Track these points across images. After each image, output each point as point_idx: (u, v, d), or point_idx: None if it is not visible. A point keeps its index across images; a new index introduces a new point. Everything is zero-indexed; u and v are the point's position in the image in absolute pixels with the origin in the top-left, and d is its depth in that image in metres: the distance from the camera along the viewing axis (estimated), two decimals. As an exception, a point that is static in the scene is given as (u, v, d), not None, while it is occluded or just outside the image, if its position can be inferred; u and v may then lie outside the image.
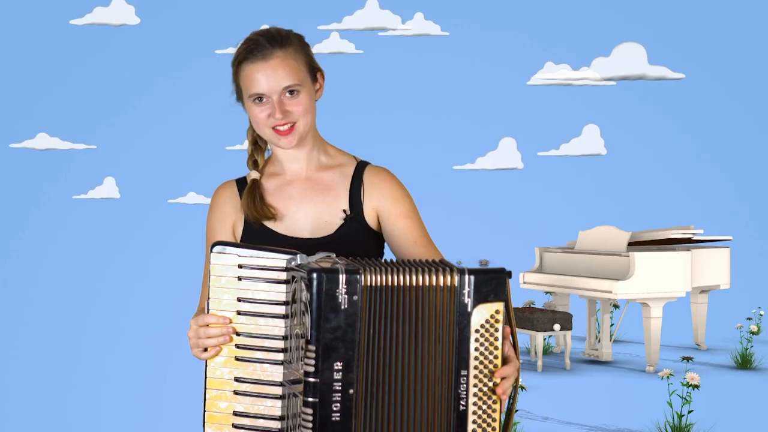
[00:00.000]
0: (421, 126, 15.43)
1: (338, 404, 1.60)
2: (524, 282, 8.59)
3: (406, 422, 1.65)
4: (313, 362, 1.59)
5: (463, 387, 1.65)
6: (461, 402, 1.66)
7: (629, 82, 14.73)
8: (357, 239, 1.99)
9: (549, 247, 8.62)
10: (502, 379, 1.68)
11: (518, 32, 16.12)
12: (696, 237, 8.25)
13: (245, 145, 2.11)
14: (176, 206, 16.28)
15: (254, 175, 2.05)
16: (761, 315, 9.56)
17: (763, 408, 6.38)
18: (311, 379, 1.59)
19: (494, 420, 1.69)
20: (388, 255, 2.02)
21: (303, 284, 1.61)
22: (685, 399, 5.08)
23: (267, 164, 2.09)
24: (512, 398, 1.76)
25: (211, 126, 16.52)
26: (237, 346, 1.74)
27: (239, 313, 1.74)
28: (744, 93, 15.54)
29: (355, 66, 15.59)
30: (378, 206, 2.02)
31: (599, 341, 8.19)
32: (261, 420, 1.73)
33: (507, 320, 1.72)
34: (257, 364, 1.73)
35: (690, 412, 5.10)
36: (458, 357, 1.65)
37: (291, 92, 1.94)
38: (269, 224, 2.00)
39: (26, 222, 16.17)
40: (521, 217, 14.84)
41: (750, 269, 11.92)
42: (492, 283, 1.65)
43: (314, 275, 1.59)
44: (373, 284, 1.61)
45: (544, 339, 8.49)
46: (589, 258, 8.00)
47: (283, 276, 1.72)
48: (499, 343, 1.68)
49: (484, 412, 1.68)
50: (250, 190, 2.02)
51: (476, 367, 1.66)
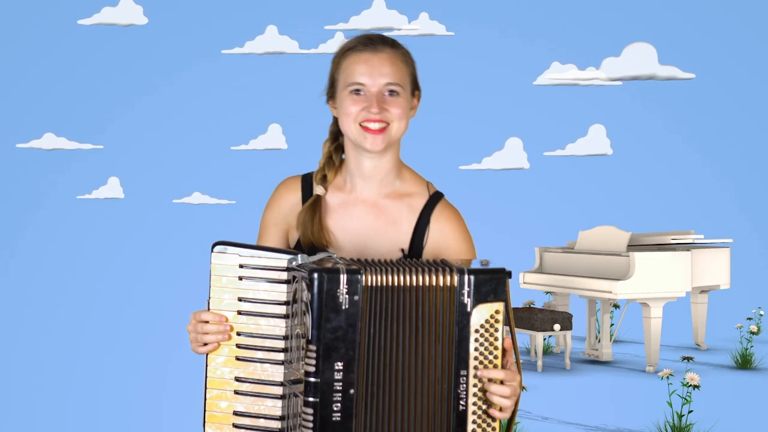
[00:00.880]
0: (427, 126, 15.44)
1: (339, 404, 1.60)
2: (524, 282, 8.59)
3: (406, 422, 1.65)
4: (314, 362, 1.59)
5: (463, 387, 1.65)
6: (461, 402, 1.66)
7: (635, 82, 14.72)
8: None
9: (549, 247, 8.62)
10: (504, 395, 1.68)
11: (524, 32, 16.12)
12: (696, 242, 8.26)
13: (323, 153, 1.99)
14: (181, 206, 16.29)
15: (319, 191, 1.95)
16: (761, 315, 9.56)
17: (763, 408, 6.38)
18: (312, 379, 1.59)
19: (494, 420, 1.68)
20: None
21: (304, 284, 1.61)
22: (685, 399, 5.08)
23: (336, 172, 1.98)
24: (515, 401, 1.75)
25: (217, 126, 16.53)
26: (238, 346, 1.74)
27: (240, 313, 1.74)
28: (752, 94, 15.54)
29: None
30: (438, 254, 1.92)
31: (599, 341, 8.19)
32: (261, 420, 1.73)
33: (507, 321, 1.71)
34: (258, 364, 1.73)
35: (690, 412, 5.10)
36: (458, 357, 1.65)
37: (392, 92, 1.87)
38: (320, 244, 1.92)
39: (30, 222, 16.17)
40: (521, 217, 14.85)
41: (750, 269, 11.91)
42: (492, 283, 1.65)
43: (315, 275, 1.59)
44: (374, 284, 1.62)
45: (544, 339, 8.49)
46: (589, 258, 8.00)
47: (284, 276, 1.72)
48: (499, 343, 1.68)
49: (484, 412, 1.68)
50: (311, 208, 1.93)
51: (476, 367, 1.66)
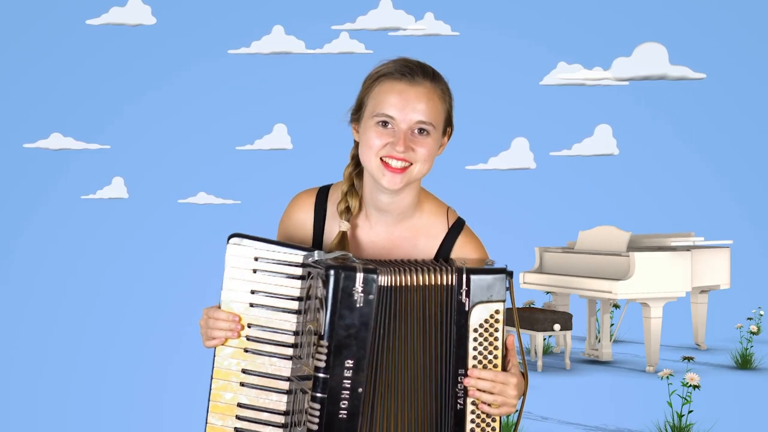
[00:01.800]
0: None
1: (346, 402, 1.59)
2: (524, 282, 8.60)
3: (409, 421, 1.65)
4: (325, 358, 1.59)
5: (461, 386, 1.66)
6: (459, 401, 1.66)
7: (641, 82, 14.74)
8: None
9: (549, 247, 8.63)
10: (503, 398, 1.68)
11: (531, 32, 16.14)
12: (696, 244, 8.26)
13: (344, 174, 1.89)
14: (186, 206, 16.29)
15: (344, 227, 1.81)
16: (761, 315, 9.56)
17: (763, 408, 6.38)
18: (321, 375, 1.59)
19: (494, 420, 1.68)
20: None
21: (320, 280, 1.61)
22: (685, 399, 5.08)
23: (360, 201, 1.86)
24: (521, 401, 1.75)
25: (222, 126, 16.54)
26: (247, 338, 1.74)
27: (251, 306, 1.73)
28: (761, 95, 15.55)
29: (365, 66, 15.53)
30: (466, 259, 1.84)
31: (599, 341, 8.19)
32: (265, 414, 1.73)
33: (511, 322, 1.71)
34: (266, 358, 1.73)
35: (690, 412, 5.10)
36: (456, 356, 1.65)
37: (422, 130, 1.73)
38: None
39: (33, 222, 16.18)
40: (521, 217, 14.86)
41: (750, 269, 11.92)
42: (491, 283, 1.65)
43: (332, 272, 1.59)
44: (384, 284, 1.62)
45: (544, 339, 8.48)
46: (589, 258, 8.00)
47: (299, 271, 1.72)
48: (499, 343, 1.67)
49: (484, 412, 1.67)
50: (339, 245, 1.80)
51: (475, 367, 1.66)
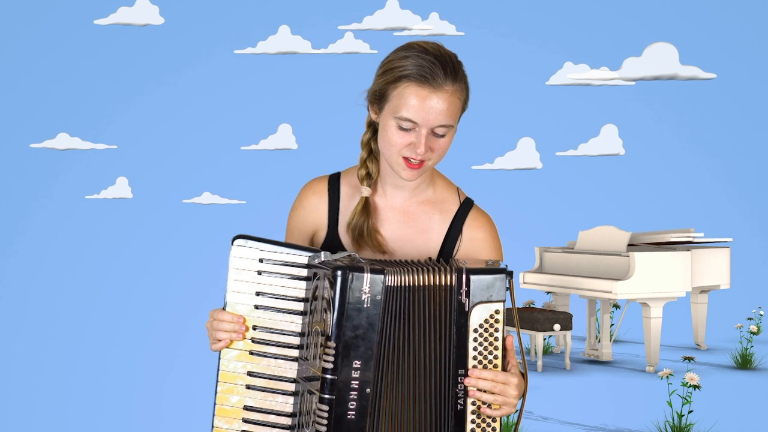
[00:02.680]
0: (440, 126, 15.35)
1: (354, 403, 1.59)
2: (524, 282, 8.60)
3: (411, 421, 1.65)
4: (333, 359, 1.59)
5: (461, 386, 1.66)
6: (459, 401, 1.66)
7: (647, 82, 14.74)
8: None
9: (549, 247, 8.63)
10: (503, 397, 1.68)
11: (537, 32, 16.13)
12: (696, 240, 8.27)
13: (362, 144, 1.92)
14: (191, 206, 16.30)
15: (366, 192, 1.89)
16: (761, 315, 9.57)
17: (763, 408, 6.38)
18: (329, 376, 1.59)
19: (494, 420, 1.69)
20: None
21: (327, 281, 1.61)
22: (686, 399, 5.09)
23: (378, 166, 1.92)
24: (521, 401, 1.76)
25: (227, 126, 16.54)
26: (252, 340, 1.73)
27: (257, 307, 1.73)
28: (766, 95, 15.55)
29: (370, 66, 15.52)
30: (467, 258, 1.88)
31: (599, 341, 8.20)
32: (272, 416, 1.72)
33: (511, 322, 1.72)
34: (271, 360, 1.73)
35: (690, 412, 5.10)
36: (457, 356, 1.65)
37: (440, 133, 1.79)
38: (352, 247, 1.89)
39: (36, 222, 16.17)
40: (522, 217, 14.86)
41: (750, 269, 11.93)
42: (491, 283, 1.65)
43: (339, 272, 1.59)
44: (390, 284, 1.62)
45: (544, 339, 8.49)
46: (589, 258, 8.01)
47: (304, 272, 1.72)
48: (500, 343, 1.67)
49: (484, 412, 1.68)
50: (363, 211, 1.87)
51: (475, 367, 1.66)
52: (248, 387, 1.73)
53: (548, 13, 16.19)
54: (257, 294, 1.73)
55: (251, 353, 1.73)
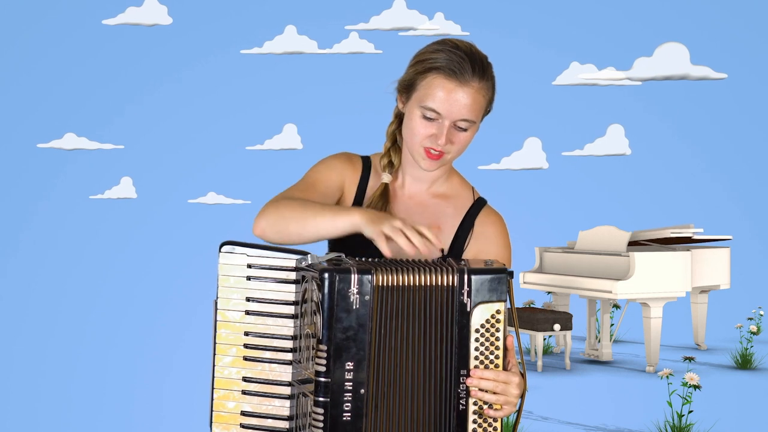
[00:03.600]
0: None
1: (349, 404, 1.60)
2: (524, 282, 8.60)
3: (411, 421, 1.66)
4: (325, 362, 1.59)
5: (463, 386, 1.66)
6: (461, 401, 1.66)
7: (657, 83, 14.74)
8: None
9: (549, 247, 8.63)
10: (504, 398, 1.68)
11: (544, 32, 16.13)
12: (696, 236, 8.27)
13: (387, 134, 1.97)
14: (196, 206, 16.31)
15: (386, 179, 1.95)
16: (761, 315, 9.57)
17: (763, 408, 6.39)
18: (322, 379, 1.59)
19: (495, 420, 1.69)
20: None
21: (314, 284, 1.61)
22: (686, 399, 5.09)
23: (400, 157, 1.98)
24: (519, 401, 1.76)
25: (232, 126, 16.55)
26: (245, 346, 1.73)
27: (248, 313, 1.73)
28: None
29: (375, 66, 15.57)
30: (477, 257, 1.92)
31: (599, 341, 8.20)
32: (269, 420, 1.72)
33: (510, 322, 1.72)
34: (266, 364, 1.73)
35: (690, 412, 5.11)
36: (458, 356, 1.65)
37: (462, 127, 1.85)
38: None
39: (39, 222, 16.17)
40: (522, 217, 14.86)
41: (750, 269, 11.93)
42: (492, 284, 1.65)
43: (326, 275, 1.59)
44: (381, 284, 1.62)
45: (544, 339, 8.49)
46: (589, 258, 8.01)
47: (293, 276, 1.71)
48: (501, 343, 1.68)
49: (486, 412, 1.68)
50: (382, 197, 1.93)
51: (476, 367, 1.66)
52: (244, 392, 1.73)
53: (554, 13, 16.20)
54: (247, 299, 1.73)
55: (245, 359, 1.73)
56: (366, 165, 1.98)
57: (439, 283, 1.64)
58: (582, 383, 7.18)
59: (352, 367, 1.60)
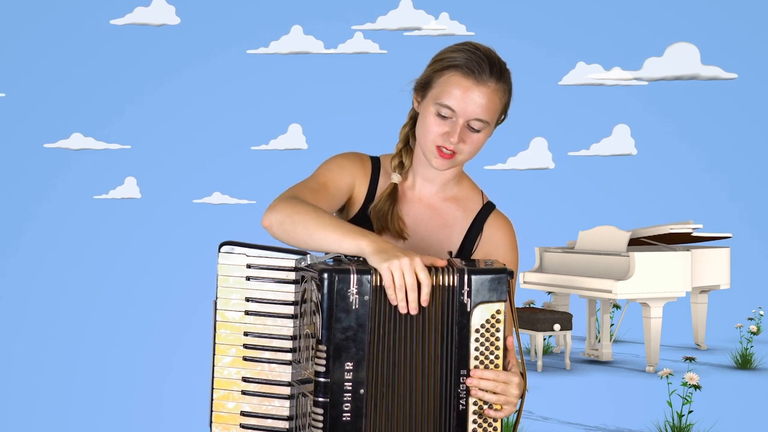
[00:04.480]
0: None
1: (349, 404, 1.60)
2: (524, 282, 8.61)
3: (411, 421, 1.66)
4: (324, 362, 1.59)
5: (463, 386, 1.66)
6: (461, 401, 1.66)
7: (666, 83, 14.73)
8: None
9: (549, 247, 8.63)
10: (504, 400, 1.68)
11: (550, 32, 16.12)
12: (696, 233, 8.27)
13: (400, 135, 1.97)
14: (201, 206, 16.31)
15: (396, 179, 1.95)
16: (761, 315, 9.57)
17: (763, 408, 6.39)
18: (322, 379, 1.59)
19: (495, 420, 1.69)
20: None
21: (314, 284, 1.61)
22: (686, 399, 5.09)
23: (411, 159, 1.99)
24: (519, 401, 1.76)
25: (237, 126, 16.54)
26: (245, 346, 1.73)
27: (247, 313, 1.73)
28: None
29: (380, 66, 15.57)
30: (486, 258, 1.93)
31: (599, 341, 8.21)
32: (269, 420, 1.72)
33: (511, 321, 1.72)
34: (265, 364, 1.72)
35: (690, 413, 5.11)
36: (458, 356, 1.65)
37: (475, 128, 1.86)
38: (374, 230, 1.91)
39: (42, 221, 16.17)
40: (522, 217, 14.86)
41: (750, 269, 11.93)
42: (492, 284, 1.65)
43: (325, 275, 1.58)
44: (381, 284, 1.62)
45: (544, 339, 8.50)
46: (589, 258, 8.01)
47: (292, 276, 1.71)
48: (501, 344, 1.68)
49: (486, 412, 1.69)
50: (390, 197, 1.93)
51: (476, 367, 1.66)
52: (244, 393, 1.73)
53: (560, 14, 16.20)
54: (247, 300, 1.73)
55: (245, 359, 1.73)
56: (375, 166, 1.98)
57: (439, 283, 1.64)
58: (582, 383, 7.18)
59: (352, 367, 1.60)
